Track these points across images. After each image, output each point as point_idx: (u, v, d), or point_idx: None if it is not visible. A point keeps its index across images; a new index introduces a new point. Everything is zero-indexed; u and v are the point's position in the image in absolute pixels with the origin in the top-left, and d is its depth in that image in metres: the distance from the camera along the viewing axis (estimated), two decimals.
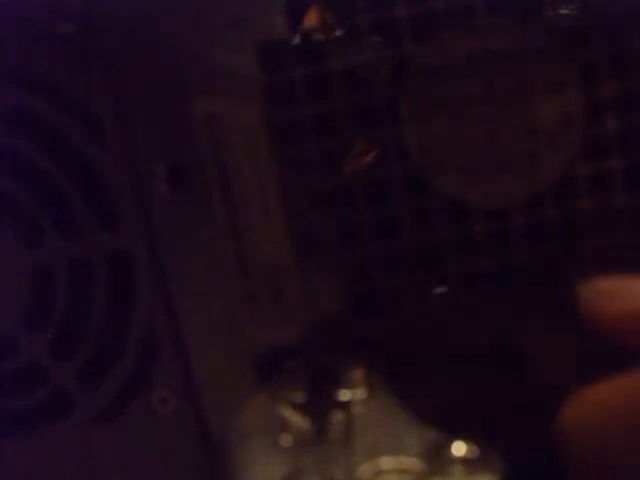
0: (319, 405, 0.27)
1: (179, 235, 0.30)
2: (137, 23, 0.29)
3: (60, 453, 0.31)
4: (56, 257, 0.30)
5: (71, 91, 0.29)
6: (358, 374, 0.27)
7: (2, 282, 0.30)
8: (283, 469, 0.24)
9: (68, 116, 0.29)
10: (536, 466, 0.24)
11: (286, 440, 0.25)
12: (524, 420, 0.25)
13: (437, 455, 0.22)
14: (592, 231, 0.28)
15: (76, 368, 0.31)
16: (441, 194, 0.29)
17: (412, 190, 0.29)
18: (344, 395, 0.27)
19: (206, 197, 0.30)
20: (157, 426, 0.31)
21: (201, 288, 0.30)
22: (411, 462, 0.22)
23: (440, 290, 0.30)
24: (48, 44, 0.28)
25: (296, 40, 0.28)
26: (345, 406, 0.26)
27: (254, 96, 0.29)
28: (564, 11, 0.28)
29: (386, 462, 0.23)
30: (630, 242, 0.28)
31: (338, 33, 0.28)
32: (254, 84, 0.29)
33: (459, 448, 0.22)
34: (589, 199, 0.28)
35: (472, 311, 0.29)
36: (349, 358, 0.28)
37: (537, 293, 0.29)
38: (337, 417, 0.26)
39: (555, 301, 0.28)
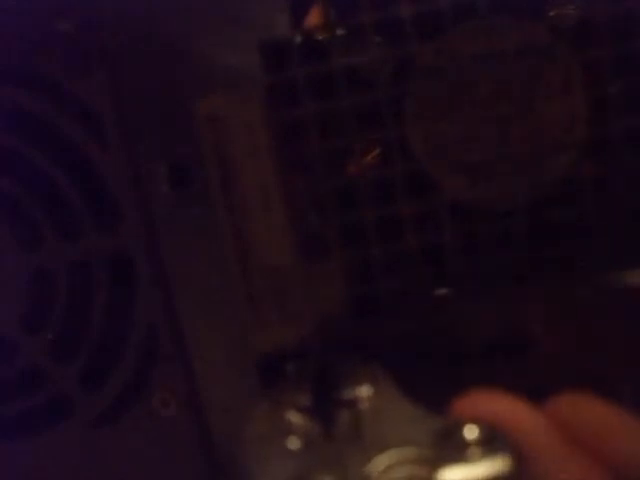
0: (325, 406, 0.26)
1: (180, 236, 0.30)
2: (137, 23, 0.28)
3: (61, 456, 0.31)
4: (56, 258, 0.30)
5: (71, 91, 0.29)
6: (362, 371, 0.27)
7: (2, 284, 0.30)
8: (293, 472, 0.24)
9: (68, 116, 0.29)
10: None
11: (294, 443, 0.25)
12: None
13: (449, 441, 0.22)
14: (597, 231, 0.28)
15: (76, 370, 0.31)
16: (445, 195, 0.29)
17: (416, 191, 0.29)
18: (349, 393, 0.26)
19: (207, 197, 0.29)
20: (158, 429, 0.31)
21: (202, 290, 0.30)
22: (423, 452, 0.22)
23: (443, 291, 0.30)
24: (48, 43, 0.28)
25: (298, 39, 0.28)
26: (351, 404, 0.26)
27: (256, 95, 0.28)
28: (567, 10, 0.27)
29: (396, 454, 0.22)
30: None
31: (340, 32, 0.28)
32: (256, 83, 0.28)
33: (471, 431, 0.22)
34: (594, 199, 0.28)
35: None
36: (353, 357, 0.28)
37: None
38: (344, 416, 0.26)
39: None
